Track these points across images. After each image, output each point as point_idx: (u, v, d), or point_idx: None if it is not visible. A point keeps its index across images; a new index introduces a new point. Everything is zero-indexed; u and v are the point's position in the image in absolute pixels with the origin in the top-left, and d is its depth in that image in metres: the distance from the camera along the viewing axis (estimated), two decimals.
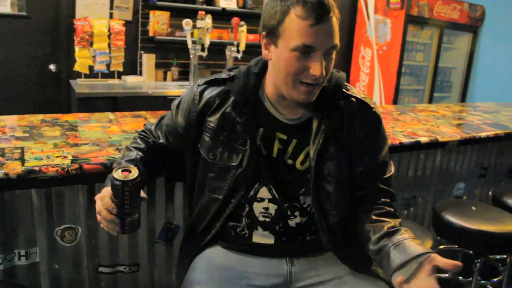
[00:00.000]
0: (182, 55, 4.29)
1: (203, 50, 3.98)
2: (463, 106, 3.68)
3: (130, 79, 4.06)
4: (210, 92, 1.29)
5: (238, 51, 4.17)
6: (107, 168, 1.43)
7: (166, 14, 4.08)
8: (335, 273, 1.30)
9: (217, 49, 4.28)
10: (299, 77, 1.15)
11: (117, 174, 1.10)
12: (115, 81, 4.01)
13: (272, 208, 1.29)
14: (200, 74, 4.32)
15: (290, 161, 1.28)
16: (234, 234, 1.33)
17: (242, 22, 4.14)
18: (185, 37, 3.97)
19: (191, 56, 3.98)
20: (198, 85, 1.32)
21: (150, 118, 2.15)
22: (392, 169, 1.35)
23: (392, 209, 1.30)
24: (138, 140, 1.41)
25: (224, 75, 1.31)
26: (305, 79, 1.15)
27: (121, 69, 3.95)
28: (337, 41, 1.13)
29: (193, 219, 1.38)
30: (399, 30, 5.07)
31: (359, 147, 1.30)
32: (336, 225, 1.30)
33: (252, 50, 4.77)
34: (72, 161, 1.42)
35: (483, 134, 2.60)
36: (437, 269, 1.08)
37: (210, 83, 1.31)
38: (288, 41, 1.12)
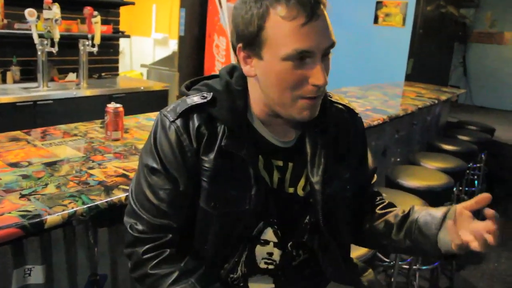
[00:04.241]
0: (23, 51, 3.58)
1: (52, 45, 3.37)
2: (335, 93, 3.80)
3: None
4: (194, 123, 0.98)
5: (93, 45, 3.64)
6: (28, 231, 1.01)
7: None
8: None
9: (66, 43, 3.67)
10: (297, 91, 0.93)
11: None
12: None
13: (277, 254, 1.05)
14: (49, 73, 3.68)
15: (291, 190, 1.06)
16: (225, 284, 1.06)
17: (96, 13, 3.61)
18: (26, 29, 3.30)
19: (38, 53, 3.33)
20: (172, 121, 0.97)
21: (35, 141, 1.67)
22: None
23: (389, 201, 1.23)
24: (155, 261, 0.97)
25: (196, 98, 1.00)
26: (306, 92, 0.93)
27: None
28: (334, 37, 0.93)
29: None
30: None
31: (354, 158, 1.15)
32: (345, 250, 1.16)
33: (108, 43, 4.26)
34: None
35: (375, 122, 2.73)
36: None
37: (185, 113, 0.98)
38: (276, 50, 0.90)
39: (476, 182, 3.99)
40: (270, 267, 1.06)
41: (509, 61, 6.61)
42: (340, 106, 1.14)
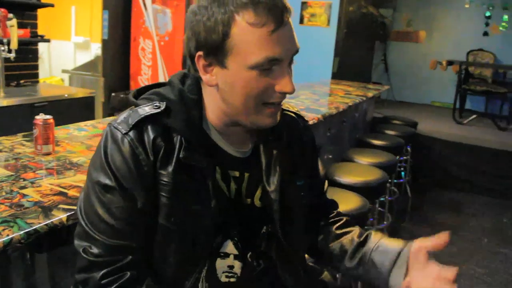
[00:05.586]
0: None
1: None
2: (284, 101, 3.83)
3: None
4: (149, 135, 0.91)
5: (9, 51, 3.38)
6: None
7: None
8: None
9: None
10: (263, 98, 0.91)
11: None
12: None
13: (238, 266, 1.02)
14: None
15: (248, 201, 1.03)
16: None
17: (11, 15, 3.35)
18: None
19: None
20: (124, 133, 0.90)
21: None
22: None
23: (347, 217, 1.22)
24: (115, 286, 0.88)
25: (148, 108, 0.94)
26: (271, 99, 0.91)
27: None
28: (298, 43, 0.93)
29: None
30: (181, 19, 4.94)
31: (307, 166, 1.15)
32: (302, 256, 1.15)
33: (26, 48, 3.99)
34: None
35: (310, 122, 2.76)
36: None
37: (138, 125, 0.91)
38: (244, 58, 0.87)
39: (403, 173, 4.19)
40: (232, 280, 1.02)
41: (425, 58, 7.04)
42: (292, 114, 1.14)
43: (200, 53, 0.90)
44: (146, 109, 0.93)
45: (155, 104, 0.94)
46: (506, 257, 3.40)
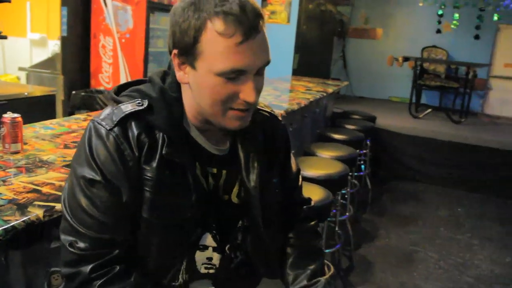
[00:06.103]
0: None
1: None
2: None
3: None
4: (133, 131, 0.94)
5: None
6: None
7: None
8: None
9: None
10: (228, 104, 0.94)
11: None
12: None
13: (217, 258, 1.08)
14: None
15: (226, 197, 1.08)
16: None
17: None
18: None
19: None
20: (109, 129, 0.93)
21: None
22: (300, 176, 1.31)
23: (312, 224, 1.27)
24: (105, 279, 0.91)
25: (131, 105, 0.97)
26: (236, 105, 0.94)
27: None
28: (269, 55, 0.94)
29: None
30: (142, 16, 4.92)
31: (280, 164, 1.20)
32: (278, 251, 1.20)
33: None
34: None
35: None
36: None
37: (122, 121, 0.95)
38: (211, 65, 0.89)
39: (363, 166, 4.32)
40: (211, 271, 1.08)
41: (382, 54, 7.27)
42: (266, 113, 1.18)
43: (175, 51, 0.94)
44: (129, 106, 0.96)
45: (137, 102, 0.97)
46: (460, 243, 3.60)
